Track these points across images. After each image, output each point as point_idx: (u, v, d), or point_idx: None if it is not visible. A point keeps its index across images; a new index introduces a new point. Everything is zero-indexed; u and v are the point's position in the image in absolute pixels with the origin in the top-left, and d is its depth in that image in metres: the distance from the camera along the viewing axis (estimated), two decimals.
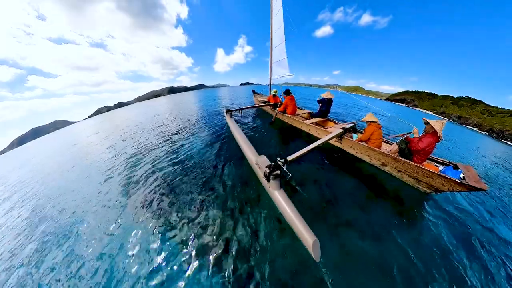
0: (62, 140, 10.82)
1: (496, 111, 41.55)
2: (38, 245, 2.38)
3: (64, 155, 6.73)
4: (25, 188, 4.48)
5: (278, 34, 6.19)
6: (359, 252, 1.79)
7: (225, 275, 1.65)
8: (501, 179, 4.08)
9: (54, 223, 2.74)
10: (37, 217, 3.02)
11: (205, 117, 8.12)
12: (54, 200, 3.45)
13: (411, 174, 2.63)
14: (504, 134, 32.93)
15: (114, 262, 1.90)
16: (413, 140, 2.63)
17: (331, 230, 2.02)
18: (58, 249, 2.23)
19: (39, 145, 12.56)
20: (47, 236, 2.51)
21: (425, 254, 1.79)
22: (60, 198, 3.45)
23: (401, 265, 1.68)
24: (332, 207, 2.34)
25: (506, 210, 2.69)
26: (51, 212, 3.06)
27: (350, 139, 3.52)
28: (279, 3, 5.76)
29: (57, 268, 1.98)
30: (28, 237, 2.60)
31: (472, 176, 2.17)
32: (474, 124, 39.22)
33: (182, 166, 3.62)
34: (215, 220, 2.23)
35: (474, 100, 48.06)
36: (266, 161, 2.40)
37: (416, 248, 1.83)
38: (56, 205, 3.25)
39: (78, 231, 2.45)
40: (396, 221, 2.15)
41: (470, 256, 1.81)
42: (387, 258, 1.73)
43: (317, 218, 2.17)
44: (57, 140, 11.83)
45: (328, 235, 1.94)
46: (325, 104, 4.84)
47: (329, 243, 1.85)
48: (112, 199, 2.98)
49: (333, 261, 1.69)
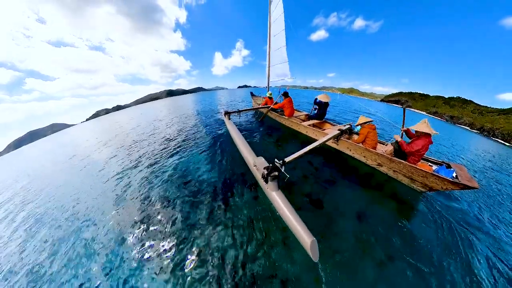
0: (58, 145, 10.56)
1: (486, 110, 42.99)
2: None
3: (59, 163, 6.56)
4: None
5: (278, 38, 6.32)
6: (357, 251, 1.81)
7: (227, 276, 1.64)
8: (492, 176, 4.21)
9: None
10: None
11: (204, 119, 8.12)
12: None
13: (406, 174, 2.69)
14: (495, 132, 33.98)
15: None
16: (403, 142, 2.67)
17: (329, 229, 2.03)
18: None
19: (34, 149, 12.24)
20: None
21: (421, 251, 1.82)
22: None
23: (398, 261, 1.71)
24: (329, 207, 2.36)
25: (496, 208, 2.77)
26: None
27: (346, 141, 3.57)
28: (280, 10, 5.90)
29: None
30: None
31: (464, 175, 2.24)
32: (466, 123, 40.36)
33: (180, 168, 3.59)
34: (216, 221, 2.22)
35: (464, 100, 49.64)
36: (264, 162, 2.42)
37: (412, 246, 1.87)
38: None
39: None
40: (393, 220, 2.18)
41: (466, 252, 1.86)
42: (384, 256, 1.76)
43: (316, 218, 2.18)
44: (53, 143, 11.55)
45: (326, 233, 1.96)
46: (322, 107, 4.93)
47: (326, 242, 1.87)
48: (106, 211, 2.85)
49: (332, 261, 1.71)
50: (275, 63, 6.81)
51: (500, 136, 32.62)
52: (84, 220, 2.68)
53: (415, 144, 2.50)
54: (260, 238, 1.98)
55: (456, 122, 41.84)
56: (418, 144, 2.47)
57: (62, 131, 20.87)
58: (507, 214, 2.65)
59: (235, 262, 1.78)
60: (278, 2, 5.97)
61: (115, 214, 2.66)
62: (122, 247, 2.10)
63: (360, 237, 1.96)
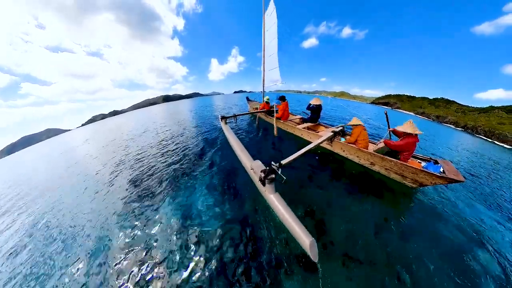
0: (50, 151, 10.09)
1: (468, 110, 45.77)
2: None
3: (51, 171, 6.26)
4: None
5: (271, 46, 6.66)
6: (355, 248, 1.83)
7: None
8: (476, 170, 4.48)
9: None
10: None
11: (200, 124, 8.11)
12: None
13: (398, 171, 2.80)
14: (478, 129, 36.05)
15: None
16: (389, 141, 2.90)
17: (326, 227, 2.05)
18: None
19: (27, 155, 11.61)
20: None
21: (414, 244, 1.88)
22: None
23: (394, 254, 1.75)
24: (326, 207, 2.39)
25: (481, 198, 2.95)
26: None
27: (340, 142, 3.69)
28: (273, 19, 6.24)
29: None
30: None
31: (450, 170, 2.37)
32: (451, 122, 42.59)
33: (178, 170, 3.55)
34: (215, 223, 2.18)
35: (448, 101, 52.71)
36: (261, 165, 2.44)
37: (406, 240, 1.92)
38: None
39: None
40: (386, 215, 2.25)
41: (460, 243, 1.94)
42: (381, 251, 1.79)
43: (313, 218, 2.20)
44: (46, 149, 11.03)
45: (324, 232, 1.98)
46: (315, 110, 5.09)
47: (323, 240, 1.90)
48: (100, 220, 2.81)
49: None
50: (268, 69, 7.07)
51: (482, 133, 34.65)
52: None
53: (402, 141, 2.71)
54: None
55: (442, 121, 44.06)
56: (404, 142, 2.66)
57: (57, 137, 20.34)
58: (491, 202, 2.82)
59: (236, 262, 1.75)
60: (272, 12, 6.30)
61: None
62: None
63: (355, 233, 1.99)
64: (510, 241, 2.09)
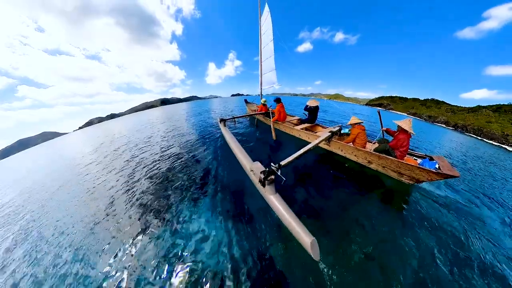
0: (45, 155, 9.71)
1: (457, 109, 47.63)
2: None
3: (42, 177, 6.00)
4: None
5: (267, 50, 6.85)
6: (354, 245, 1.83)
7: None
8: (469, 165, 4.64)
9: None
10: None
11: (199, 127, 8.04)
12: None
13: (394, 169, 2.84)
14: (467, 128, 37.45)
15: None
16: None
17: (325, 226, 2.05)
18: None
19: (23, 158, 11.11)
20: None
21: (414, 240, 1.89)
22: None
23: (392, 250, 1.76)
24: (326, 206, 2.40)
25: (475, 192, 3.05)
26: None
27: (337, 142, 3.73)
28: (269, 24, 6.46)
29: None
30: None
31: (446, 165, 2.43)
32: (442, 121, 44.09)
33: (177, 174, 3.47)
34: (215, 226, 2.13)
35: (438, 101, 54.75)
36: (261, 167, 2.43)
37: (405, 235, 1.94)
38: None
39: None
40: (385, 212, 2.28)
41: (455, 236, 1.97)
42: (379, 246, 1.79)
43: (313, 217, 2.19)
44: (41, 153, 10.61)
45: (322, 230, 1.97)
46: (312, 111, 5.17)
47: (324, 239, 1.89)
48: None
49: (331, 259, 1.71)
50: (265, 71, 7.22)
51: (472, 131, 36.03)
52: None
53: (397, 138, 2.80)
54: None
55: (434, 121, 45.55)
56: (399, 138, 2.74)
57: (52, 140, 19.83)
58: (483, 195, 2.93)
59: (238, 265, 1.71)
60: (267, 16, 6.52)
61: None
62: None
63: (355, 230, 2.00)
64: (503, 231, 2.15)
